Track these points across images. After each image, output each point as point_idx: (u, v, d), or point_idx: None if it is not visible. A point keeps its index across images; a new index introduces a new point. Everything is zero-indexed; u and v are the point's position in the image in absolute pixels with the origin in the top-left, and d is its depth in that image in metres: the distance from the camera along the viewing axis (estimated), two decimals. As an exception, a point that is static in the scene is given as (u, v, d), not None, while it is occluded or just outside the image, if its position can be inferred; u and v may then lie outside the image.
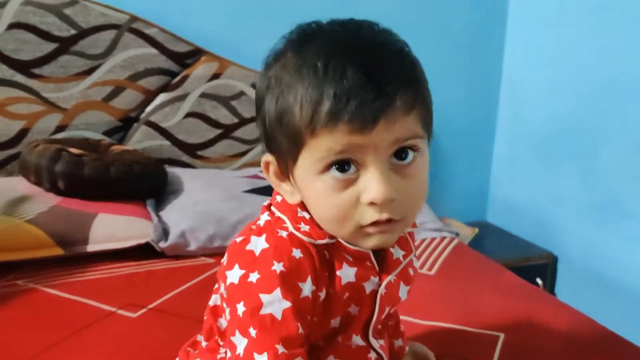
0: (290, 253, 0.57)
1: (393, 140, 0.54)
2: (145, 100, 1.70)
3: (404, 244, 0.67)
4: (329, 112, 0.51)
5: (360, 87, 0.51)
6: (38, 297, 1.12)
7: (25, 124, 1.57)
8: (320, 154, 0.54)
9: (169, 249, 1.30)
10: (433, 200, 1.97)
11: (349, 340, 0.64)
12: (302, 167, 0.56)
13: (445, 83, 2.15)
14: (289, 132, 0.55)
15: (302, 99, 0.53)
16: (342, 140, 0.52)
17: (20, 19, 1.52)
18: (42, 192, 1.38)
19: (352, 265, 0.61)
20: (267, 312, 0.56)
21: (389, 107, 0.52)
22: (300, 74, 0.53)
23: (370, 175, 0.54)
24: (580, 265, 1.91)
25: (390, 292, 0.65)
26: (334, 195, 0.55)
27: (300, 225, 0.59)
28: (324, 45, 0.54)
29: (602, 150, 1.80)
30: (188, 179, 1.58)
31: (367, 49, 0.54)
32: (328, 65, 0.52)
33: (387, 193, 0.53)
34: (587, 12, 1.82)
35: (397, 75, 0.54)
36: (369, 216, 0.55)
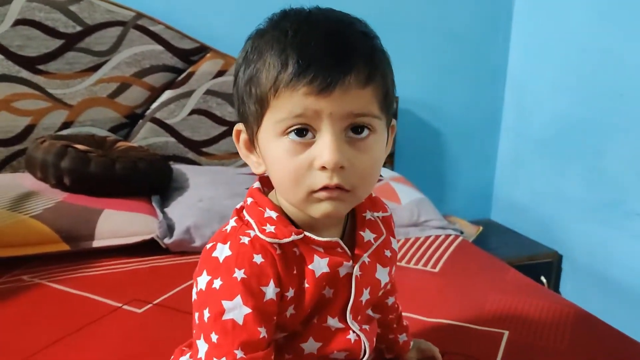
0: (251, 259, 0.59)
1: (347, 111, 0.57)
2: (151, 97, 1.70)
3: (374, 227, 0.70)
4: (290, 74, 0.55)
5: (322, 54, 0.55)
6: (44, 292, 1.12)
7: (31, 120, 1.58)
8: (281, 115, 0.57)
9: (174, 245, 1.31)
10: (438, 198, 1.97)
11: (325, 322, 0.66)
12: (265, 129, 0.59)
13: (450, 82, 2.15)
14: (256, 95, 0.59)
15: (269, 63, 0.57)
16: (301, 103, 0.56)
17: (26, 15, 1.52)
18: (48, 188, 1.38)
19: (324, 256, 0.63)
20: (228, 318, 0.58)
21: (345, 77, 0.56)
22: (272, 42, 0.58)
23: (323, 141, 0.57)
24: (585, 264, 1.91)
25: (367, 274, 0.67)
26: (290, 159, 0.58)
27: (265, 226, 0.61)
28: (297, 19, 0.59)
29: (607, 149, 1.80)
30: (193, 175, 1.58)
31: (335, 24, 0.59)
32: (296, 33, 0.57)
33: (337, 159, 0.56)
34: (592, 11, 1.82)
35: (358, 51, 0.57)
36: (320, 180, 0.57)
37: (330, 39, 0.56)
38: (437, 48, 2.09)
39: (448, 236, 1.55)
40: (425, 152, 2.19)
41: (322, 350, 0.66)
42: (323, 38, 0.56)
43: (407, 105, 2.07)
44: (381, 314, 0.82)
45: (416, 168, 2.11)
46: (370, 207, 0.71)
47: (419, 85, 2.10)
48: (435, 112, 2.16)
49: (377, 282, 0.69)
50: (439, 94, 2.14)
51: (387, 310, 0.83)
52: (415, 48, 2.05)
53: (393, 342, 0.85)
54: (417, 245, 1.48)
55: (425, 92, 2.12)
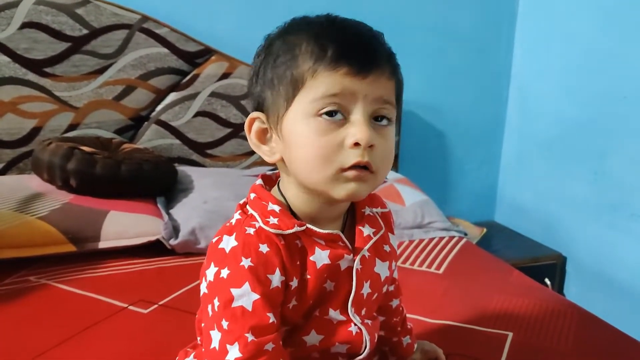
0: (257, 248, 0.61)
1: (378, 95, 0.61)
2: (156, 99, 1.71)
3: (373, 222, 0.71)
4: (331, 56, 0.59)
5: (360, 43, 0.61)
6: (50, 292, 1.13)
7: (37, 123, 1.59)
8: (317, 93, 0.60)
9: (179, 246, 1.31)
10: (441, 200, 1.97)
11: (327, 314, 0.67)
12: (294, 111, 0.61)
13: (454, 84, 2.15)
14: (291, 76, 0.61)
15: (306, 48, 0.60)
16: (339, 82, 0.59)
17: (33, 19, 1.54)
18: (55, 189, 1.39)
19: (325, 248, 0.65)
20: (238, 305, 0.60)
21: (380, 63, 0.61)
22: (303, 35, 0.61)
23: (356, 120, 0.60)
24: (589, 266, 1.90)
25: (367, 268, 0.69)
26: (321, 137, 0.60)
27: (269, 219, 0.63)
28: (323, 18, 0.64)
29: (611, 151, 1.80)
30: (198, 177, 1.59)
31: (363, 27, 0.64)
32: (331, 25, 0.62)
33: (371, 136, 0.60)
34: (596, 13, 1.82)
35: (384, 49, 0.64)
36: (352, 157, 0.60)
37: (361, 34, 0.62)
38: (441, 50, 2.09)
39: (452, 238, 1.55)
40: (429, 154, 2.20)
41: (324, 342, 0.67)
42: (355, 33, 0.62)
43: (411, 107, 2.07)
44: (386, 316, 0.82)
45: (420, 170, 2.12)
46: (369, 203, 0.73)
47: (424, 87, 2.10)
48: (440, 114, 2.16)
49: (377, 276, 0.71)
50: (443, 95, 2.15)
51: (391, 313, 0.83)
52: (419, 50, 2.05)
53: (397, 345, 0.85)
54: (421, 247, 1.48)
55: (430, 94, 2.12)
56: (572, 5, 1.90)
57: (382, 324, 0.83)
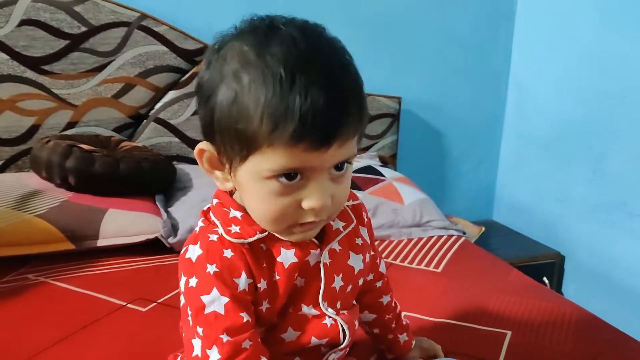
0: (221, 254, 0.61)
1: (338, 160, 0.59)
2: (155, 97, 1.71)
3: (343, 216, 0.71)
4: (293, 131, 0.53)
5: (323, 109, 0.53)
6: (49, 290, 1.13)
7: (36, 120, 1.59)
8: (274, 165, 0.56)
9: (178, 244, 1.31)
10: (440, 198, 1.98)
11: (300, 310, 0.67)
12: (250, 170, 0.58)
13: (452, 84, 2.16)
14: (244, 135, 0.55)
15: (264, 109, 0.53)
16: (299, 158, 0.55)
17: (31, 16, 1.53)
18: (53, 187, 1.39)
19: (290, 247, 0.65)
20: (210, 311, 0.60)
21: (344, 129, 0.55)
22: (263, 81, 0.54)
23: (314, 187, 0.58)
24: (587, 265, 1.91)
25: (338, 262, 0.69)
26: (276, 199, 0.58)
27: (231, 227, 0.63)
28: (287, 54, 0.54)
29: (609, 150, 1.80)
30: (196, 175, 1.59)
31: (328, 67, 0.55)
32: (293, 80, 0.53)
33: (326, 202, 0.59)
34: (594, 13, 1.82)
35: (353, 98, 0.56)
36: (306, 218, 0.60)
37: (329, 89, 0.53)
38: (439, 50, 2.09)
39: (450, 236, 1.56)
40: (428, 153, 2.20)
41: (302, 338, 0.68)
42: (321, 87, 0.53)
43: (409, 106, 2.08)
44: (377, 314, 0.83)
45: (419, 169, 2.12)
46: None
47: (422, 87, 2.11)
48: (438, 113, 2.16)
49: (350, 268, 0.71)
50: (441, 95, 2.15)
51: (383, 310, 0.83)
52: (418, 50, 2.05)
53: (393, 342, 0.85)
54: (419, 246, 1.48)
55: (428, 93, 2.12)
56: (571, 5, 1.91)
57: (375, 322, 0.83)
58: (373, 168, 1.77)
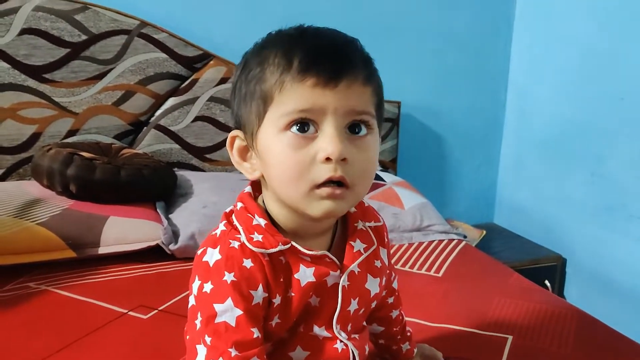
0: (241, 263, 0.60)
1: (350, 107, 0.58)
2: (155, 105, 1.71)
3: (365, 237, 0.70)
4: (297, 67, 0.57)
5: (328, 53, 0.58)
6: (50, 298, 1.13)
7: (37, 128, 1.59)
8: (286, 108, 0.57)
9: (178, 251, 1.31)
10: (440, 202, 1.98)
11: (311, 330, 0.66)
12: (266, 127, 0.60)
13: (452, 86, 2.16)
14: (260, 92, 0.59)
15: (274, 61, 0.59)
16: (307, 96, 0.57)
17: (32, 25, 1.54)
18: (54, 195, 1.40)
19: (310, 265, 0.63)
20: (221, 321, 0.59)
21: (352, 69, 0.58)
22: (274, 48, 0.60)
23: (327, 134, 0.57)
24: (589, 268, 1.91)
25: (356, 285, 0.67)
26: (292, 153, 0.58)
27: (253, 235, 0.62)
28: (299, 27, 0.62)
29: (609, 152, 1.80)
30: (197, 182, 1.59)
31: (336, 35, 0.62)
32: (301, 35, 0.60)
33: (341, 150, 0.57)
34: (593, 15, 1.82)
35: (358, 54, 0.61)
36: (324, 173, 0.57)
37: (333, 42, 0.60)
38: (439, 53, 2.10)
39: (451, 241, 1.56)
40: (428, 157, 2.20)
41: (311, 359, 0.66)
42: (326, 40, 0.60)
43: (409, 110, 2.08)
44: (385, 326, 0.83)
45: (419, 172, 2.12)
46: (362, 217, 0.71)
47: (421, 90, 2.11)
48: (438, 117, 2.17)
49: (367, 292, 0.69)
50: (441, 98, 2.15)
51: (391, 323, 0.83)
52: (417, 53, 2.06)
53: (397, 352, 0.86)
54: (420, 250, 1.48)
55: (428, 96, 2.13)
56: (569, 8, 1.91)
57: (382, 334, 0.83)
58: (373, 173, 1.77)
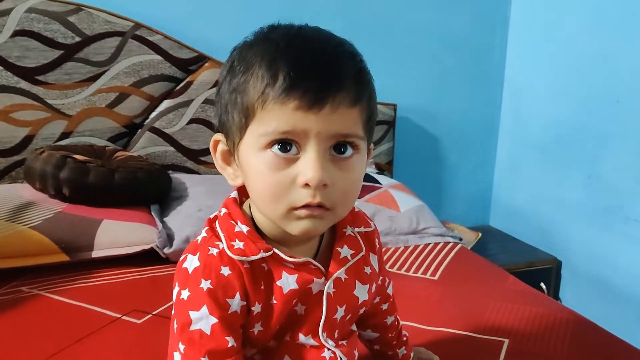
0: (218, 271, 0.59)
1: (334, 131, 0.56)
2: (150, 107, 1.71)
3: (353, 243, 0.68)
4: (281, 87, 0.54)
5: (314, 70, 0.55)
6: (43, 303, 1.12)
7: (30, 131, 1.58)
8: (267, 128, 0.55)
9: (173, 254, 1.30)
10: (436, 204, 1.98)
11: (297, 339, 0.65)
12: (247, 142, 0.58)
13: (447, 89, 2.16)
14: (241, 105, 0.57)
15: (257, 74, 0.56)
16: (289, 118, 0.54)
17: (25, 26, 1.53)
18: (47, 198, 1.38)
19: (293, 272, 0.62)
20: (196, 328, 0.59)
21: (336, 93, 0.55)
22: (261, 53, 0.57)
23: (308, 158, 0.55)
24: (585, 270, 1.91)
25: (342, 292, 0.66)
26: (271, 173, 0.56)
27: (234, 242, 0.61)
28: (287, 32, 0.58)
29: (605, 154, 1.80)
30: (192, 184, 1.58)
31: (325, 42, 0.58)
32: (288, 46, 0.56)
33: (321, 177, 0.55)
34: (588, 17, 1.83)
35: (347, 71, 0.57)
36: (302, 198, 0.56)
37: (321, 56, 0.56)
38: (434, 55, 2.10)
39: (447, 243, 1.55)
40: (424, 159, 2.20)
41: None
42: (314, 54, 0.56)
43: (404, 112, 2.08)
44: (380, 333, 0.82)
45: (414, 175, 2.12)
46: (352, 223, 0.70)
47: (417, 92, 2.11)
48: (433, 119, 2.16)
49: (355, 299, 0.68)
50: (436, 100, 2.15)
51: (386, 329, 0.82)
52: (412, 55, 2.06)
53: (393, 357, 0.85)
54: (416, 253, 1.48)
55: (423, 99, 2.13)
56: (564, 9, 1.91)
57: (377, 340, 0.83)
58: (369, 175, 1.77)
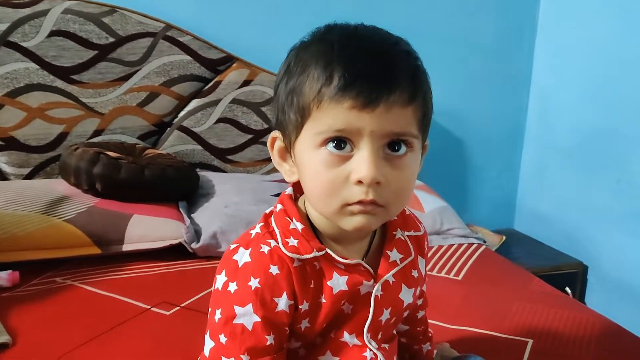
0: (267, 269, 0.60)
1: (388, 130, 0.57)
2: (179, 106, 1.74)
3: (403, 247, 0.69)
4: (336, 86, 0.55)
5: (368, 70, 0.55)
6: (76, 293, 1.16)
7: (64, 128, 1.63)
8: (322, 127, 0.57)
9: (200, 249, 1.33)
10: (461, 207, 1.97)
11: (342, 337, 0.66)
12: (303, 140, 0.59)
13: (474, 92, 2.15)
14: (298, 105, 0.58)
15: (313, 74, 0.57)
16: (344, 117, 0.55)
17: (61, 27, 1.58)
18: (80, 193, 1.43)
19: (343, 274, 0.63)
20: (239, 322, 0.60)
21: (390, 94, 0.55)
22: (316, 54, 0.58)
23: (362, 155, 0.56)
24: (612, 275, 1.88)
25: (389, 294, 0.67)
26: (326, 170, 0.57)
27: (289, 239, 0.62)
28: (343, 33, 0.59)
29: (633, 158, 1.77)
30: (219, 182, 1.61)
31: (381, 42, 0.59)
32: (343, 47, 0.57)
33: (374, 174, 0.56)
34: (616, 20, 1.80)
35: (402, 70, 0.57)
36: (356, 194, 0.57)
37: (376, 56, 0.57)
38: (462, 58, 2.09)
39: (471, 245, 1.55)
40: (449, 161, 2.19)
41: None
42: (369, 54, 0.56)
43: (430, 114, 2.07)
44: (410, 326, 0.83)
45: (440, 177, 2.11)
46: (402, 226, 0.70)
47: (444, 95, 2.09)
48: (460, 122, 2.16)
49: (400, 302, 0.69)
50: (463, 103, 2.14)
51: (416, 322, 0.83)
52: (440, 58, 2.05)
53: (417, 352, 0.86)
54: (440, 253, 1.48)
55: (450, 101, 2.12)
56: (593, 12, 1.89)
57: (405, 333, 0.84)
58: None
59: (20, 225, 1.25)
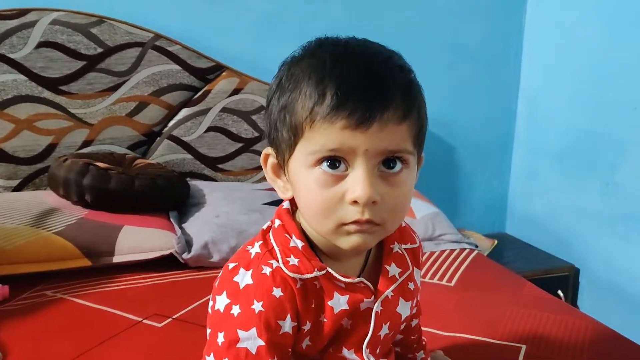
0: (270, 292, 0.59)
1: (382, 148, 0.56)
2: (168, 115, 1.74)
3: (400, 261, 0.69)
4: (328, 106, 0.54)
5: (361, 88, 0.55)
6: (66, 307, 1.15)
7: (53, 139, 1.62)
8: (315, 147, 0.56)
9: (192, 260, 1.33)
10: (452, 212, 1.98)
11: (340, 352, 0.66)
12: (297, 159, 0.59)
13: (463, 97, 2.17)
14: (290, 123, 0.58)
15: (305, 92, 0.56)
16: (337, 137, 0.55)
17: (49, 38, 1.57)
18: (70, 204, 1.42)
19: (344, 293, 0.63)
20: (242, 346, 0.59)
21: (384, 112, 0.55)
22: (308, 70, 0.57)
23: (357, 175, 0.56)
24: (603, 278, 1.89)
25: (388, 309, 0.67)
26: (320, 190, 0.57)
27: (289, 258, 0.61)
28: (334, 48, 0.58)
29: (622, 162, 1.79)
30: (210, 191, 1.61)
31: (373, 57, 0.58)
32: (335, 64, 0.56)
33: (370, 194, 0.55)
34: (603, 24, 1.82)
35: (396, 86, 0.57)
36: (351, 214, 0.56)
37: (369, 72, 0.56)
38: (450, 64, 2.10)
39: (463, 250, 1.55)
40: (440, 167, 2.20)
41: None
42: (362, 71, 0.56)
43: (420, 120, 2.08)
44: (404, 334, 0.83)
45: (431, 182, 2.11)
46: (399, 239, 0.70)
47: (433, 102, 2.08)
48: (450, 127, 2.17)
49: (398, 316, 0.69)
50: (452, 109, 2.15)
51: (410, 331, 0.83)
52: (428, 65, 2.06)
53: None
54: (432, 260, 1.48)
55: (439, 107, 2.13)
56: (580, 17, 1.91)
57: (399, 342, 0.83)
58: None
59: (9, 239, 1.24)
